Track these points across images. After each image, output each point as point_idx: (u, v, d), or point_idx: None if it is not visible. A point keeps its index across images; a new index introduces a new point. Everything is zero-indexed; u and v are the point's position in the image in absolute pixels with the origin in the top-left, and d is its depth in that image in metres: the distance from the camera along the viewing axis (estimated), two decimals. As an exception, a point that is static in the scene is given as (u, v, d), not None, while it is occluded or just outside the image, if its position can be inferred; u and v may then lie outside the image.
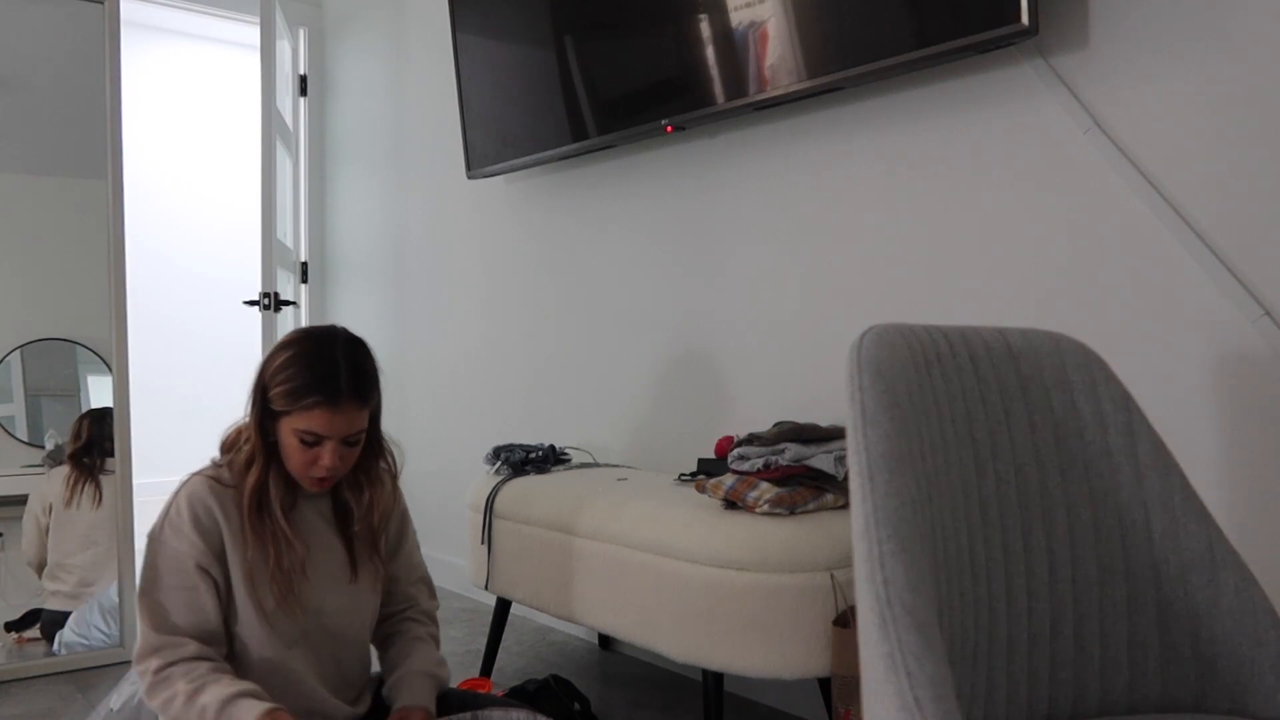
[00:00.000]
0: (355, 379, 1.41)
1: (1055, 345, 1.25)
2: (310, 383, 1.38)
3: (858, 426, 1.00)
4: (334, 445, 1.41)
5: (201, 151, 5.66)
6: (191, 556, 1.39)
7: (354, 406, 1.41)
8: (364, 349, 1.48)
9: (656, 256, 2.54)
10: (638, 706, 2.23)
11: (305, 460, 1.42)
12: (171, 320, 5.55)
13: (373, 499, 1.54)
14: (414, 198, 3.52)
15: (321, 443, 1.41)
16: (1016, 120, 1.79)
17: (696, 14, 2.19)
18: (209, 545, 1.40)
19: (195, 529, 1.40)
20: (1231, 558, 1.14)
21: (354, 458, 1.47)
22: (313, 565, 1.48)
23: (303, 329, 1.48)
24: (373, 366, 1.48)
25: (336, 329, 1.48)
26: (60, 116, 2.61)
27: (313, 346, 1.42)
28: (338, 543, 1.53)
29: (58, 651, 2.52)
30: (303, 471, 1.44)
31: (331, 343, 1.43)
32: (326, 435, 1.40)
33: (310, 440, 1.40)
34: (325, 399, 1.38)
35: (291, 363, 1.41)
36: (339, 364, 1.40)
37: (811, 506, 1.75)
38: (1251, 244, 1.50)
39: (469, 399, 3.27)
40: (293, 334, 1.47)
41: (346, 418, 1.40)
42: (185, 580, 1.39)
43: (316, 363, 1.40)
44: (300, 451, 1.41)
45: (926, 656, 0.85)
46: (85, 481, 2.55)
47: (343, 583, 1.52)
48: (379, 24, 3.69)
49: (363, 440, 1.47)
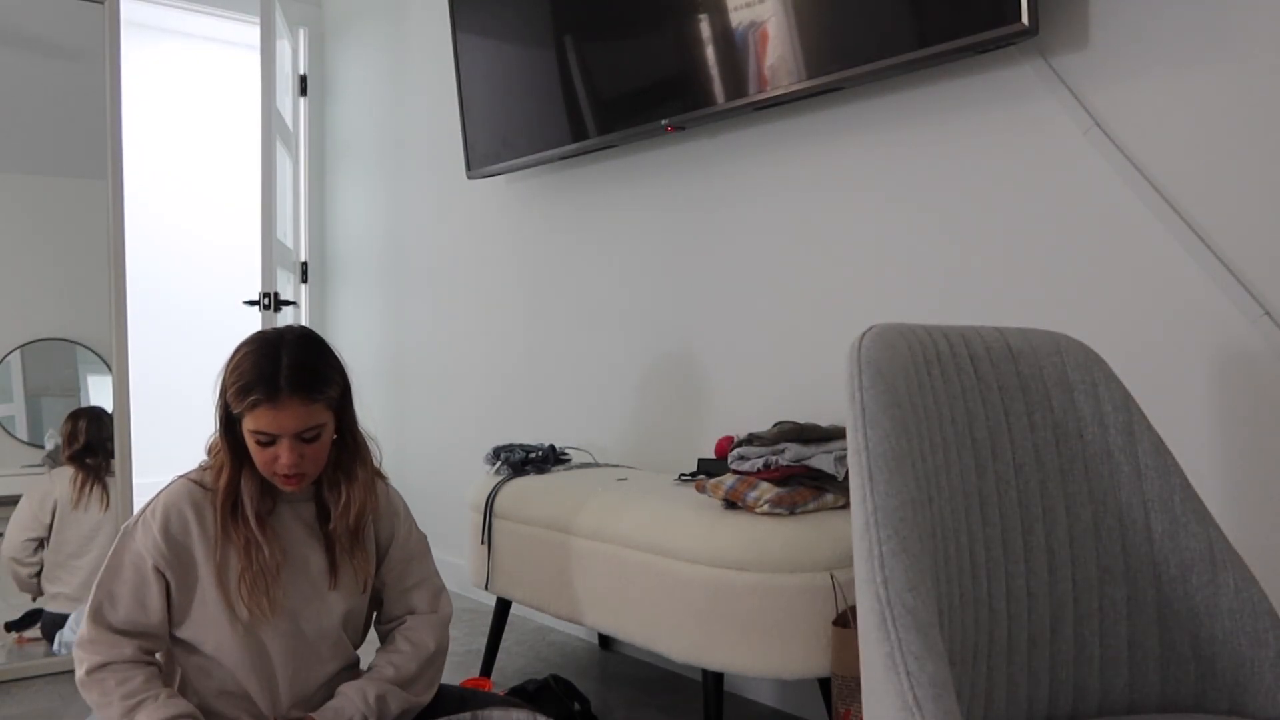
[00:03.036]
0: (297, 375, 1.41)
1: (1055, 345, 1.25)
2: (252, 381, 1.40)
3: (858, 426, 1.00)
4: (289, 443, 1.41)
5: (201, 151, 5.66)
6: (151, 556, 1.42)
7: (297, 402, 1.40)
8: (314, 346, 1.47)
9: (657, 256, 2.54)
10: (638, 706, 2.23)
11: (265, 460, 1.43)
12: (171, 320, 5.55)
13: (349, 498, 1.52)
14: (414, 198, 3.52)
15: (276, 441, 1.41)
16: (1016, 120, 1.79)
17: (696, 14, 2.19)
18: (173, 551, 1.43)
19: (163, 533, 1.43)
20: (1231, 558, 1.14)
21: (320, 455, 1.46)
22: (288, 569, 1.48)
23: (258, 331, 1.50)
24: (324, 363, 1.47)
25: (291, 328, 1.49)
26: (60, 116, 2.61)
27: (259, 346, 1.44)
28: (318, 546, 1.52)
29: (58, 651, 2.52)
30: (267, 471, 1.44)
31: (278, 342, 1.44)
32: (276, 433, 1.41)
33: (264, 440, 1.41)
34: (264, 396, 1.39)
35: (240, 364, 1.43)
36: (280, 361, 1.41)
37: (811, 506, 1.75)
38: (1251, 244, 1.50)
39: (469, 399, 3.27)
40: (248, 336, 1.48)
41: (292, 414, 1.40)
42: (140, 577, 1.43)
43: (260, 361, 1.41)
44: (259, 451, 1.43)
45: (926, 656, 0.85)
46: (93, 484, 2.55)
47: (321, 587, 1.51)
48: (379, 24, 3.69)
49: (323, 437, 1.46)
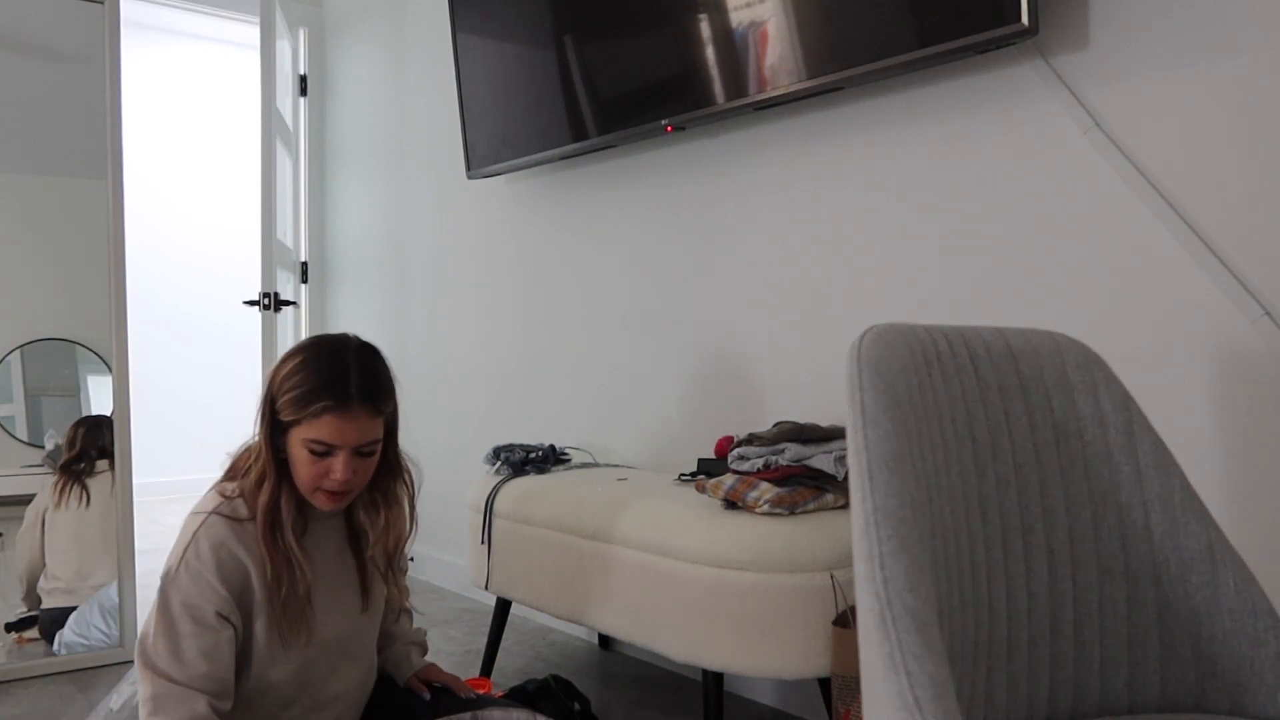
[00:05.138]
0: (367, 384, 1.35)
1: (1055, 345, 1.25)
2: (319, 387, 1.32)
3: (858, 426, 1.00)
4: (345, 456, 1.33)
5: (202, 151, 5.66)
6: (212, 604, 1.31)
7: (366, 413, 1.34)
8: (378, 356, 1.42)
9: (656, 257, 2.54)
10: (638, 706, 2.23)
11: (316, 474, 1.34)
12: (171, 320, 5.55)
13: (389, 521, 1.46)
14: (414, 198, 3.52)
15: (332, 453, 1.33)
16: (1016, 120, 1.79)
17: (696, 14, 2.19)
18: (231, 592, 1.33)
19: (219, 575, 1.32)
20: (1231, 558, 1.14)
21: (369, 472, 1.40)
22: (322, 591, 1.42)
23: (313, 337, 1.42)
24: (387, 374, 1.42)
25: (349, 336, 1.42)
26: (60, 116, 2.61)
27: (322, 352, 1.37)
28: (351, 568, 1.47)
29: (58, 651, 2.52)
30: (312, 486, 1.36)
31: (342, 348, 1.38)
32: (337, 444, 1.33)
33: (320, 450, 1.33)
34: (334, 403, 1.31)
35: (300, 369, 1.35)
36: (349, 368, 1.35)
37: (811, 506, 1.75)
38: (1251, 244, 1.50)
39: (469, 399, 3.27)
40: (302, 341, 1.41)
41: (357, 425, 1.33)
42: (203, 628, 1.31)
43: (326, 367, 1.34)
44: (310, 464, 1.34)
45: (926, 656, 0.85)
46: (72, 484, 2.59)
47: (353, 610, 1.47)
48: (379, 24, 3.69)
49: (378, 453, 1.40)
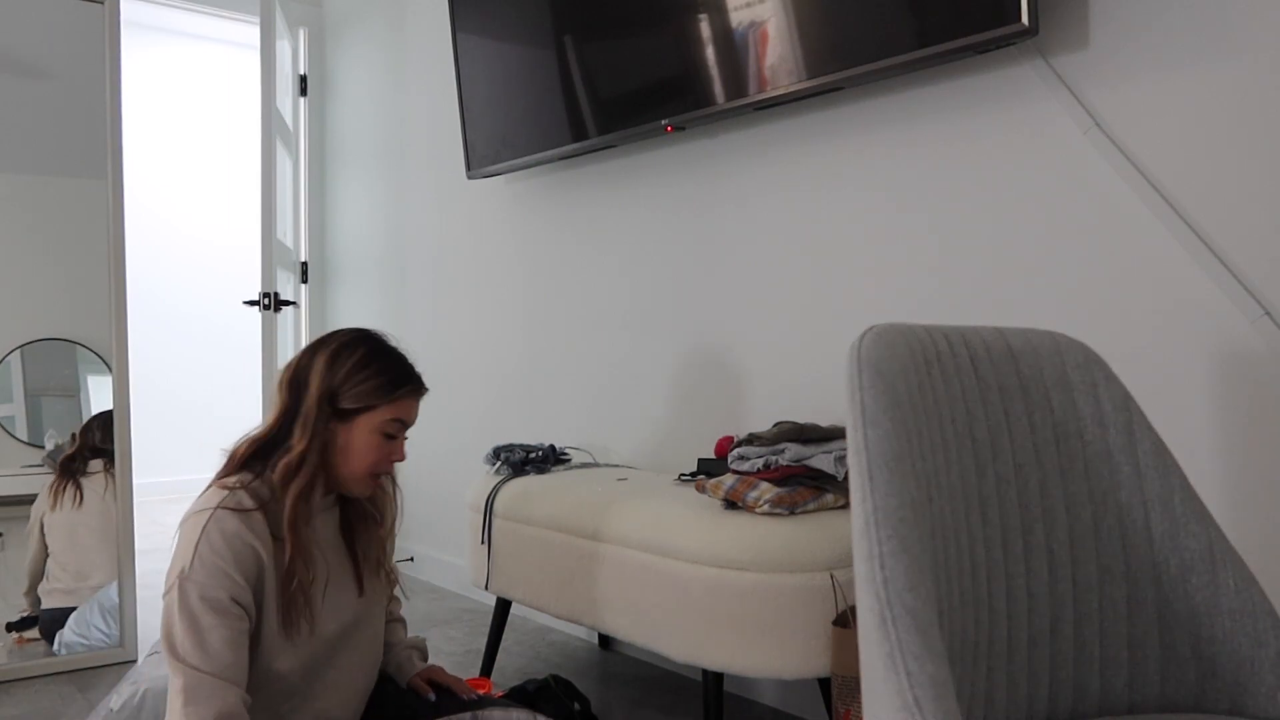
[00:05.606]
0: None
1: (1055, 345, 1.25)
2: (398, 375, 1.48)
3: (858, 426, 1.00)
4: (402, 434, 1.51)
5: (201, 151, 5.66)
6: (231, 594, 1.34)
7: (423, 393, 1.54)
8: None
9: (656, 256, 2.54)
10: (638, 706, 2.23)
11: (381, 456, 1.47)
12: (171, 320, 5.55)
13: (386, 504, 1.58)
14: (414, 198, 3.52)
15: (402, 433, 1.50)
16: (1016, 120, 1.79)
17: (696, 14, 2.19)
18: (248, 581, 1.36)
19: (236, 565, 1.35)
20: (1231, 558, 1.14)
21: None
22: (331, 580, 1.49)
23: (338, 333, 1.51)
24: None
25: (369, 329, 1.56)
26: (60, 116, 2.61)
27: (370, 343, 1.50)
28: (345, 557, 1.54)
29: (58, 651, 2.52)
30: (372, 470, 1.47)
31: (383, 339, 1.53)
32: (409, 423, 1.50)
33: (394, 432, 1.48)
34: (415, 387, 1.49)
35: (366, 362, 1.46)
36: (404, 356, 1.52)
37: (811, 506, 1.75)
38: (1251, 244, 1.50)
39: (469, 399, 3.27)
40: (338, 340, 1.49)
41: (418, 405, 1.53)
42: (226, 618, 1.33)
43: (388, 354, 1.50)
44: (380, 446, 1.46)
45: (926, 656, 0.85)
46: (67, 483, 2.59)
47: (351, 598, 1.52)
48: (379, 24, 3.69)
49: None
